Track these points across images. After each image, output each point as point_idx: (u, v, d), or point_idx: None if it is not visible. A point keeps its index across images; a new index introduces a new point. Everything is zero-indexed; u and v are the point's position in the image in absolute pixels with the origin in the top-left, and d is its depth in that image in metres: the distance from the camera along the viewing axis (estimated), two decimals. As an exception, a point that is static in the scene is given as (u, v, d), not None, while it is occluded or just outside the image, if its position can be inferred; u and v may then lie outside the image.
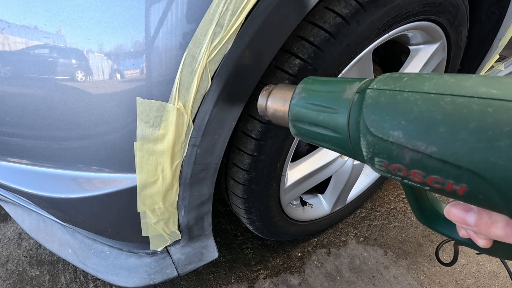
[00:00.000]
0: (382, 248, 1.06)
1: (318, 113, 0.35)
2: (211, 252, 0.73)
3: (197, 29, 0.40)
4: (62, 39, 0.39)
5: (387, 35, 0.61)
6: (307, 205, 0.96)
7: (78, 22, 0.39)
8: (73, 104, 0.43)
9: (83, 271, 0.95)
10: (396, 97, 0.27)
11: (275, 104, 0.44)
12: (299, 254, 1.04)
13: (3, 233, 1.06)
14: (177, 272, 0.70)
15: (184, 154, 0.50)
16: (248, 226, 0.84)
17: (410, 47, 0.81)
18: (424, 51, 0.80)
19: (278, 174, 0.70)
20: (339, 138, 0.33)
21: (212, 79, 0.44)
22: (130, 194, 0.52)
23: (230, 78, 0.45)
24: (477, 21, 0.89)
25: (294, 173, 0.79)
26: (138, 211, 0.54)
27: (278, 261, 1.01)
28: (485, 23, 0.88)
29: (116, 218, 0.58)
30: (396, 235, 1.10)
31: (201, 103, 0.46)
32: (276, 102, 0.44)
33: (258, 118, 0.56)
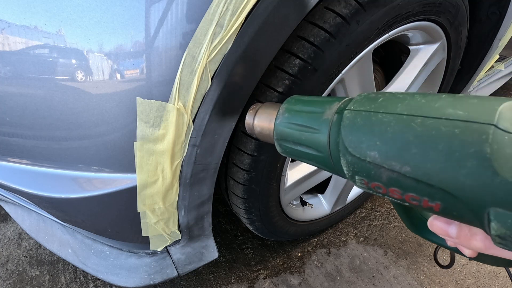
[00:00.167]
0: (382, 248, 1.06)
1: (301, 133, 0.36)
2: (211, 252, 0.73)
3: (197, 29, 0.40)
4: (62, 39, 0.39)
5: (387, 35, 0.61)
6: (307, 205, 0.96)
7: (78, 22, 0.39)
8: (73, 104, 0.43)
9: (83, 271, 0.95)
10: (371, 118, 0.28)
11: (261, 123, 0.45)
12: (299, 254, 1.04)
13: (3, 233, 1.06)
14: (177, 272, 0.70)
15: (184, 154, 0.50)
16: (248, 226, 0.84)
17: (410, 47, 0.81)
18: (424, 51, 0.80)
19: (278, 174, 0.70)
20: (322, 156, 0.34)
21: (212, 79, 0.44)
22: (130, 194, 0.52)
23: (230, 78, 0.45)
24: (477, 21, 0.89)
25: (294, 173, 0.79)
26: (138, 211, 0.54)
27: (278, 261, 1.01)
28: (485, 23, 0.88)
29: (116, 218, 0.58)
30: (396, 235, 1.10)
31: (201, 103, 0.46)
32: (262, 121, 0.45)
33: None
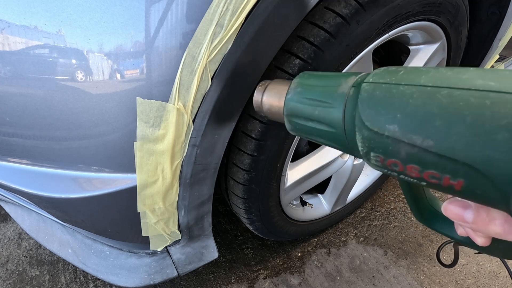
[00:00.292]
0: (382, 248, 1.06)
1: (313, 108, 0.35)
2: (211, 252, 0.73)
3: (197, 29, 0.40)
4: (62, 39, 0.39)
5: (387, 35, 0.61)
6: (307, 205, 0.96)
7: (78, 22, 0.39)
8: (73, 104, 0.43)
9: (83, 271, 0.95)
10: (392, 90, 0.27)
11: (270, 99, 0.44)
12: (299, 254, 1.04)
13: (3, 233, 1.06)
14: (177, 272, 0.70)
15: (184, 154, 0.50)
16: (248, 226, 0.84)
17: (410, 47, 0.81)
18: (424, 51, 0.80)
19: (278, 174, 0.70)
20: (335, 133, 0.33)
21: (212, 79, 0.44)
22: (130, 194, 0.52)
23: (230, 78, 0.45)
24: (477, 21, 0.89)
25: (294, 173, 0.79)
26: (138, 211, 0.54)
27: (278, 261, 1.01)
28: (485, 23, 0.88)
29: (116, 218, 0.58)
30: (396, 235, 1.10)
31: (201, 103, 0.46)
32: (271, 97, 0.43)
33: (258, 118, 0.56)
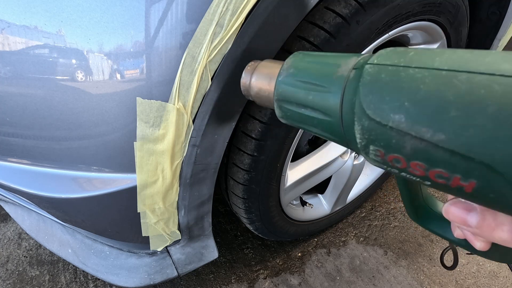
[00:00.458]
0: (382, 248, 1.06)
1: (307, 92, 0.31)
2: (211, 252, 0.73)
3: (197, 29, 0.40)
4: (62, 39, 0.39)
5: (387, 35, 0.61)
6: (307, 205, 0.96)
7: (78, 22, 0.39)
8: (73, 104, 0.43)
9: (83, 271, 0.95)
10: (400, 73, 0.23)
11: (259, 82, 0.38)
12: (299, 254, 1.04)
13: (3, 233, 1.06)
14: (177, 272, 0.70)
15: (184, 154, 0.50)
16: (248, 226, 0.84)
17: (410, 47, 0.81)
18: (424, 51, 0.80)
19: (278, 174, 0.70)
20: (330, 121, 0.29)
21: (212, 79, 0.44)
22: (130, 194, 0.52)
23: (230, 78, 0.45)
24: (477, 21, 0.89)
25: (294, 173, 0.79)
26: (138, 211, 0.54)
27: (278, 261, 1.01)
28: (485, 23, 0.88)
29: (116, 218, 0.58)
30: (396, 235, 1.10)
31: (201, 103, 0.46)
32: (261, 79, 0.38)
33: (258, 118, 0.56)
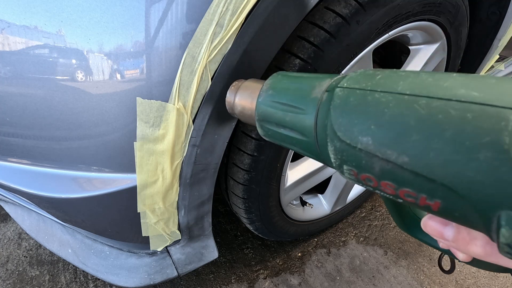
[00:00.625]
0: (382, 248, 1.06)
1: (284, 113, 0.32)
2: (211, 252, 0.73)
3: (197, 29, 0.40)
4: (62, 39, 0.39)
5: (387, 35, 0.61)
6: (307, 205, 0.96)
7: (78, 22, 0.39)
8: (73, 104, 0.43)
9: (83, 271, 0.95)
10: (367, 97, 0.24)
11: (243, 101, 0.40)
12: (299, 254, 1.04)
13: (3, 233, 1.06)
14: (177, 272, 0.70)
15: (184, 154, 0.50)
16: (248, 226, 0.84)
17: (410, 47, 0.81)
18: (424, 51, 0.80)
19: (278, 174, 0.70)
20: (307, 141, 0.30)
21: (212, 79, 0.44)
22: (130, 194, 0.52)
23: (230, 78, 0.45)
24: (477, 21, 0.89)
25: (294, 173, 0.79)
26: (138, 211, 0.54)
27: (278, 261, 1.01)
28: (485, 23, 0.88)
29: (116, 218, 0.58)
30: (396, 235, 1.10)
31: (201, 103, 0.46)
32: (244, 99, 0.40)
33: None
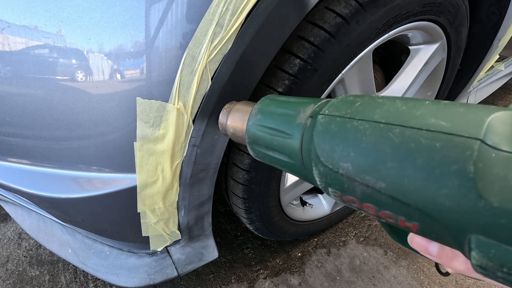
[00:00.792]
0: (382, 248, 1.06)
1: (272, 137, 0.34)
2: (211, 252, 0.73)
3: (197, 29, 0.40)
4: (62, 39, 0.39)
5: (387, 35, 0.61)
6: (307, 205, 0.96)
7: (78, 22, 0.39)
8: (73, 104, 0.43)
9: (83, 271, 0.95)
10: (346, 125, 0.26)
11: (234, 124, 0.42)
12: (299, 254, 1.04)
13: (3, 233, 1.06)
14: (177, 272, 0.70)
15: (184, 154, 0.50)
16: (248, 226, 0.84)
17: (410, 47, 0.81)
18: (424, 51, 0.80)
19: (278, 174, 0.70)
20: (294, 164, 0.32)
21: (212, 79, 0.44)
22: (130, 194, 0.52)
23: (230, 78, 0.45)
24: (477, 21, 0.89)
25: (294, 173, 0.79)
26: (138, 211, 0.54)
27: (278, 261, 1.01)
28: (485, 23, 0.88)
29: (116, 218, 0.58)
30: (396, 235, 1.10)
31: (201, 103, 0.46)
32: (235, 121, 0.42)
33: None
